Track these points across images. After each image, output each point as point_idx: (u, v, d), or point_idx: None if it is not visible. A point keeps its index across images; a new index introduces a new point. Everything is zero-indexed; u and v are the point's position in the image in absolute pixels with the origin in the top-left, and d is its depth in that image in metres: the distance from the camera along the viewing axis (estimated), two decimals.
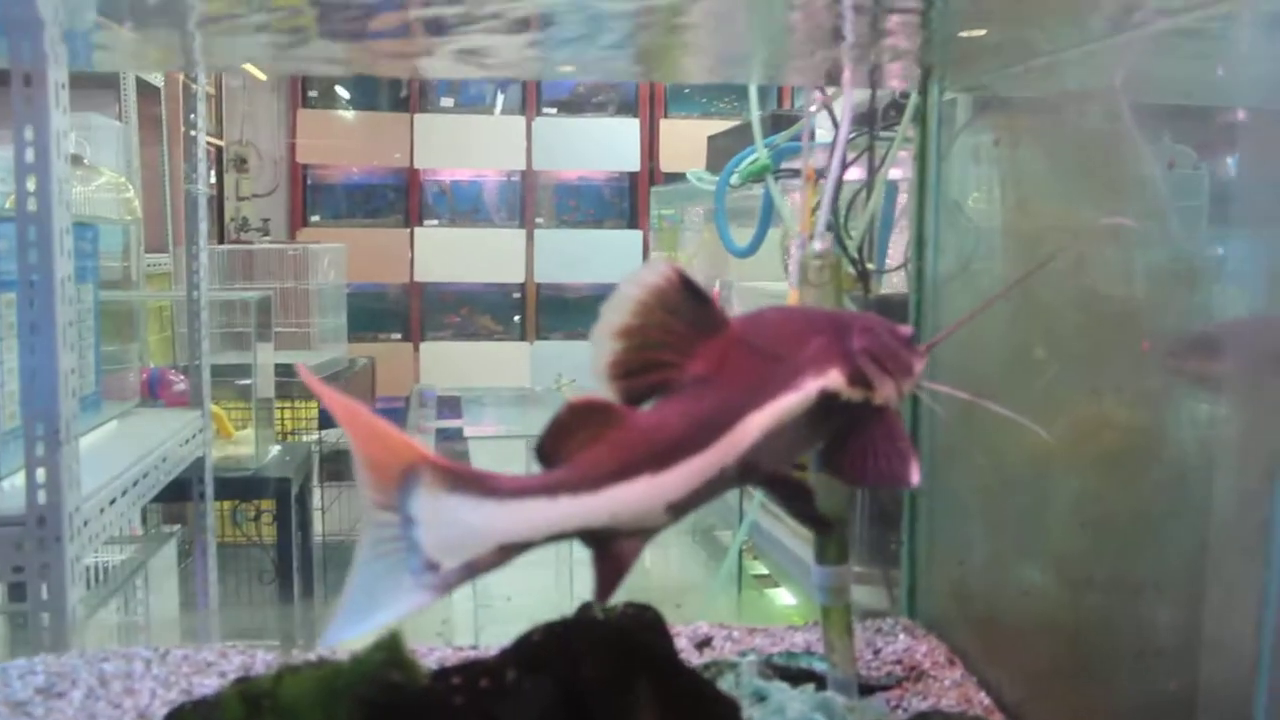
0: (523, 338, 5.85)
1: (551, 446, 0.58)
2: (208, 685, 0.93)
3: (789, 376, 0.64)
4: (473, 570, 0.56)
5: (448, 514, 0.55)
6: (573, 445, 0.58)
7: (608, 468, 0.58)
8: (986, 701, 0.95)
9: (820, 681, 0.95)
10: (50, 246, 1.38)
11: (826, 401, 0.65)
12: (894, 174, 1.33)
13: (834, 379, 0.65)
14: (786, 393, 0.64)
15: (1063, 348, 0.89)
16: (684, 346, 0.63)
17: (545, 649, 0.65)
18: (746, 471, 0.64)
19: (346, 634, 0.57)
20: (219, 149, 5.46)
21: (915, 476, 0.66)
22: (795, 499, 0.70)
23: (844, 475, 0.70)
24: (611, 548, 0.61)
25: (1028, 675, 0.93)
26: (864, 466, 0.68)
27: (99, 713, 0.88)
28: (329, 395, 0.56)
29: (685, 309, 0.63)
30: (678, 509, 0.61)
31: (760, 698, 0.91)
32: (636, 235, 5.83)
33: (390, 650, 0.68)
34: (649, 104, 5.89)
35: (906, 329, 0.72)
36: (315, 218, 5.84)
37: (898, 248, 1.40)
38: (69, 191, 1.43)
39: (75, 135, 2.71)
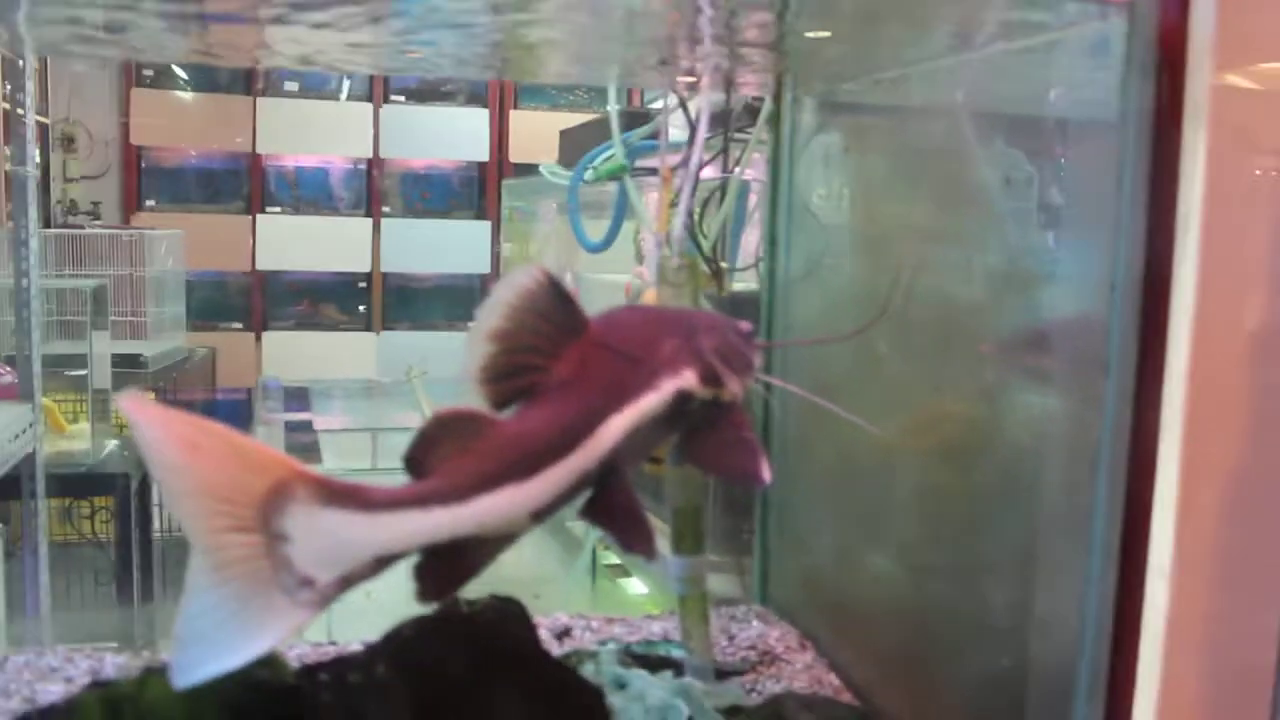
0: (369, 328, 5.76)
1: (420, 456, 0.59)
2: (53, 692, 0.90)
3: (646, 378, 0.66)
4: (348, 583, 0.56)
5: (323, 529, 0.55)
6: (440, 455, 0.59)
7: (476, 478, 0.59)
8: (836, 683, 0.99)
9: (678, 668, 0.98)
10: None
11: (681, 400, 0.67)
12: (747, 174, 1.37)
13: (688, 379, 0.67)
14: (645, 394, 0.66)
15: (906, 345, 0.93)
16: (551, 349, 0.64)
17: (414, 643, 0.66)
18: (605, 472, 0.66)
19: (219, 666, 0.54)
20: (44, 127, 5.20)
21: (766, 474, 0.69)
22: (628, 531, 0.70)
23: (701, 468, 0.72)
24: (465, 553, 0.61)
25: (875, 657, 0.98)
26: (717, 463, 0.72)
27: None
28: (174, 420, 0.53)
29: (553, 312, 0.64)
30: (542, 514, 0.62)
31: (621, 685, 0.93)
32: (485, 226, 5.79)
33: None
34: (499, 95, 5.86)
35: (746, 325, 0.75)
36: (150, 202, 5.62)
37: (749, 246, 1.44)
38: None
39: None
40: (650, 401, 0.65)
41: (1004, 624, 0.82)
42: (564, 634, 1.08)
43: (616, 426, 0.64)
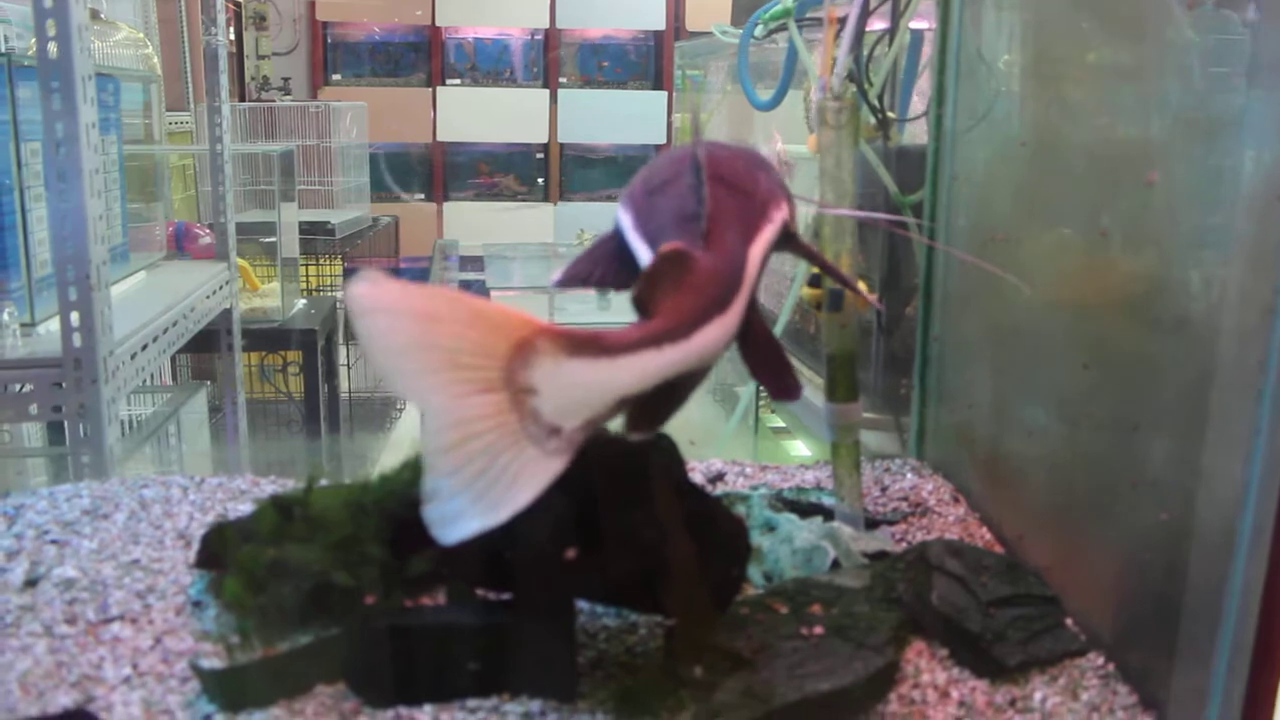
0: (546, 198, 5.84)
1: (648, 295, 0.60)
2: (242, 509, 0.98)
3: (761, 210, 0.67)
4: (591, 426, 0.57)
5: (569, 378, 0.55)
6: (661, 293, 0.60)
7: (694, 313, 0.60)
8: (988, 536, 0.98)
9: (828, 515, 0.99)
10: (73, 93, 1.39)
11: (785, 230, 0.68)
12: (920, 24, 1.32)
13: (785, 209, 0.70)
14: (765, 225, 0.67)
15: (1073, 192, 0.89)
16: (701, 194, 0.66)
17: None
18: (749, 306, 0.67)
19: (484, 522, 0.55)
20: (238, 6, 5.38)
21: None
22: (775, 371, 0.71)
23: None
24: (675, 387, 0.62)
25: (1027, 511, 0.96)
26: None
27: (141, 533, 0.93)
28: (412, 295, 0.53)
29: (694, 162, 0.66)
30: (732, 342, 0.64)
31: (770, 527, 0.95)
32: (661, 96, 5.75)
33: (416, 469, 0.72)
34: None
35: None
36: (336, 76, 5.78)
37: (922, 98, 1.39)
38: (89, 39, 1.43)
39: None
40: (770, 233, 0.66)
41: (1162, 478, 0.79)
42: (717, 478, 1.10)
43: (756, 256, 0.64)
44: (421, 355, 0.53)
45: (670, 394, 0.62)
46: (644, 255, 0.67)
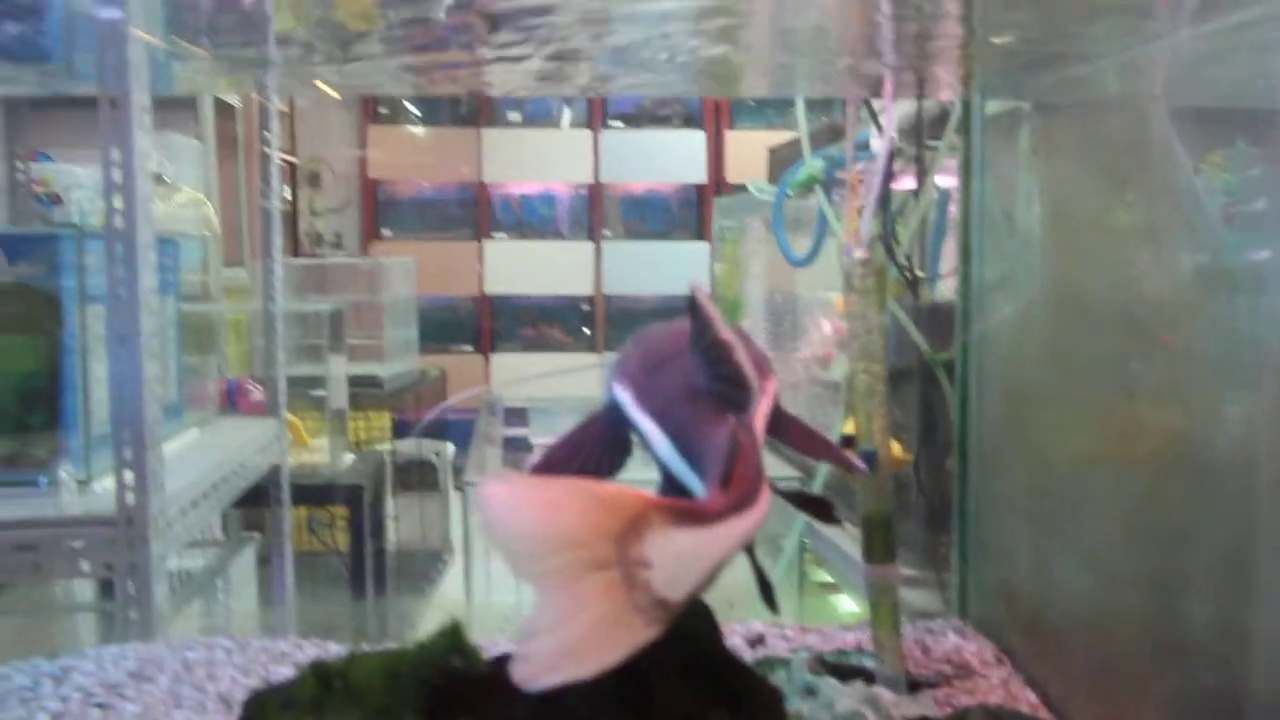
0: (592, 349, 5.91)
1: (729, 467, 0.61)
2: (284, 672, 0.98)
3: (763, 385, 0.70)
4: (693, 595, 0.57)
5: (678, 549, 0.56)
6: (728, 463, 0.61)
7: (758, 479, 0.61)
8: (1033, 699, 0.97)
9: (869, 678, 0.98)
10: (135, 261, 1.45)
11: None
12: (947, 182, 1.36)
13: (776, 384, 0.72)
14: (765, 399, 0.69)
15: (1101, 351, 0.91)
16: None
17: None
18: None
19: (570, 674, 0.54)
20: (293, 166, 5.60)
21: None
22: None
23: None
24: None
25: (1073, 673, 0.95)
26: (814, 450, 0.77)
27: (184, 696, 0.94)
28: (533, 488, 0.55)
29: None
30: None
31: (811, 692, 0.94)
32: (703, 247, 5.86)
33: (453, 637, 0.73)
34: (714, 116, 5.93)
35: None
36: (386, 231, 5.97)
37: (951, 256, 1.42)
38: (152, 208, 1.50)
39: (156, 154, 2.81)
40: (767, 406, 0.69)
41: (1212, 640, 0.78)
42: (758, 641, 1.09)
43: (762, 428, 0.67)
44: (546, 542, 0.54)
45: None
46: (651, 431, 0.68)
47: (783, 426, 0.74)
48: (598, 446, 0.73)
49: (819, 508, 0.81)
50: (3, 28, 0.97)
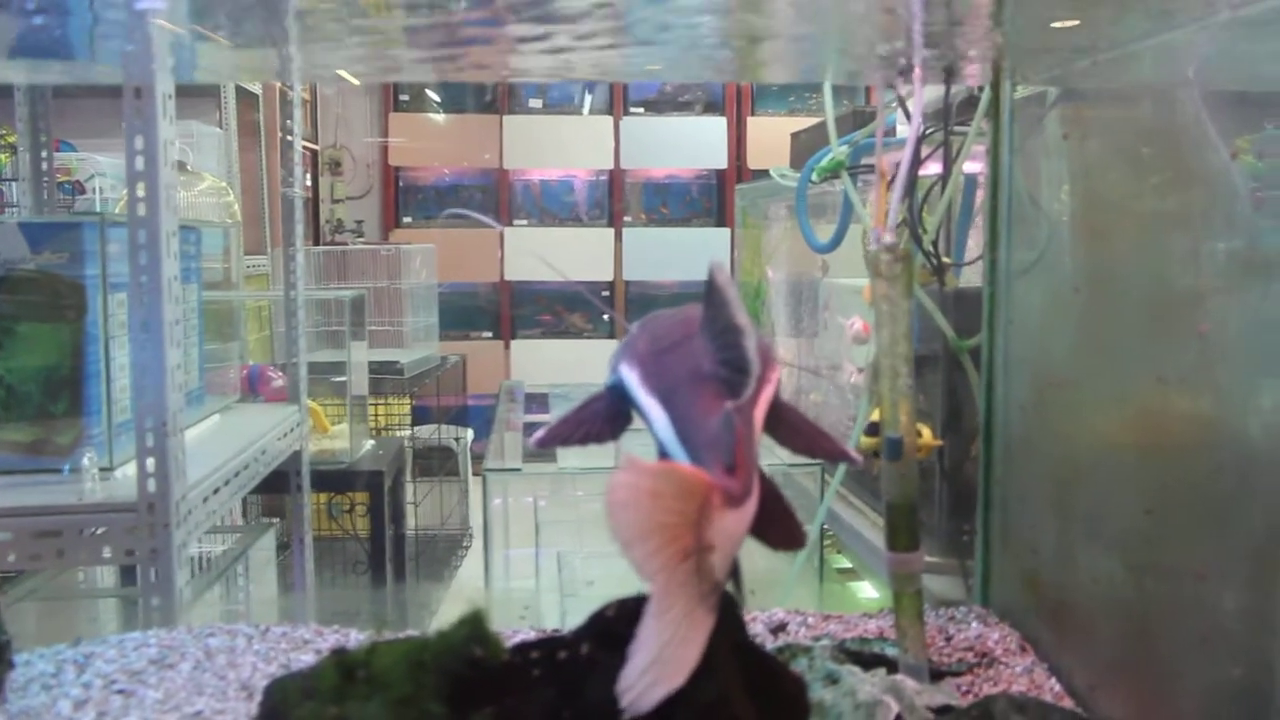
0: (612, 335, 5.91)
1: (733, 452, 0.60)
2: (305, 660, 0.99)
3: (764, 374, 0.69)
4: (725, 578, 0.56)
5: (729, 532, 0.55)
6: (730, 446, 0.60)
7: (756, 463, 0.61)
8: (1057, 688, 0.96)
9: (892, 666, 0.97)
10: (158, 249, 1.46)
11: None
12: (974, 168, 1.34)
13: (777, 373, 0.71)
14: (766, 387, 0.68)
15: (1130, 338, 0.89)
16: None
17: (618, 624, 0.69)
18: None
19: (670, 685, 0.54)
20: (314, 153, 5.61)
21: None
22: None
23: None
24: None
25: (1098, 662, 0.94)
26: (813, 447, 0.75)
27: (205, 683, 0.94)
28: (640, 474, 0.53)
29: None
30: None
31: (833, 680, 0.93)
32: (724, 233, 5.85)
33: (474, 626, 0.73)
34: (735, 102, 5.91)
35: None
36: (407, 218, 5.98)
37: (977, 241, 1.41)
38: (175, 196, 1.50)
39: (179, 143, 2.82)
40: (768, 394, 0.68)
41: (1240, 630, 0.77)
42: (779, 629, 1.09)
43: (760, 417, 0.66)
44: (648, 532, 0.53)
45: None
46: (654, 411, 0.68)
47: (779, 418, 0.73)
48: (599, 421, 0.73)
49: None
50: (30, 21, 0.97)
